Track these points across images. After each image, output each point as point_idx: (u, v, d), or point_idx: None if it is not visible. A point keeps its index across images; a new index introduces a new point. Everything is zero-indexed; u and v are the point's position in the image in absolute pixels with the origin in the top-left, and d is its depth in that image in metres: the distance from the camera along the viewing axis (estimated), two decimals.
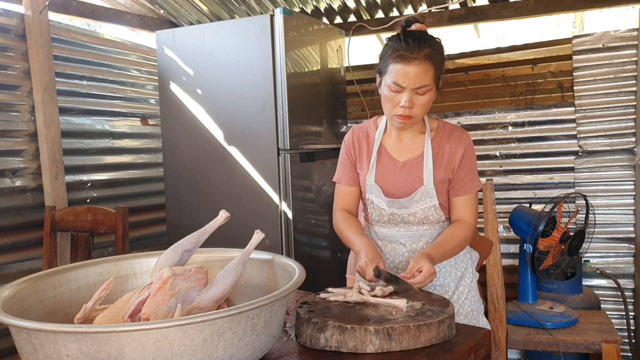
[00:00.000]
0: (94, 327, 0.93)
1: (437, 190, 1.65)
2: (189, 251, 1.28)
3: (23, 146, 2.71)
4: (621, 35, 2.96)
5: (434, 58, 1.52)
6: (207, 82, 2.81)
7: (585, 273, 2.92)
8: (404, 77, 1.51)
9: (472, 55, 3.34)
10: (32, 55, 2.68)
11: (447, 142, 1.66)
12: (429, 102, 1.56)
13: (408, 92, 1.52)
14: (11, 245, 2.64)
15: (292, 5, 3.41)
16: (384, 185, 1.68)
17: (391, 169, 1.69)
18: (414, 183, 1.66)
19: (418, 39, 1.52)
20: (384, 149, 1.71)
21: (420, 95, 1.54)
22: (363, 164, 1.73)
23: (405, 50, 1.50)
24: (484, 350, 1.27)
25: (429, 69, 1.51)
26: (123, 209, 2.46)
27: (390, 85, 1.54)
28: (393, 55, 1.53)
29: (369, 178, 1.70)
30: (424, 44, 1.51)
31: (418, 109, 1.55)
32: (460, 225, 1.65)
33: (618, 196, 3.04)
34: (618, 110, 3.00)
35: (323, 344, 1.17)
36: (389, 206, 1.67)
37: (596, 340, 2.36)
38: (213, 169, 2.84)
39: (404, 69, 1.50)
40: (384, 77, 1.57)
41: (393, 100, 1.56)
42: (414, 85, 1.51)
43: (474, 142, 3.29)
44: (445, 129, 1.69)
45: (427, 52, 1.51)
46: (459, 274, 1.73)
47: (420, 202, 1.65)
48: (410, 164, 1.67)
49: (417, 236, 1.69)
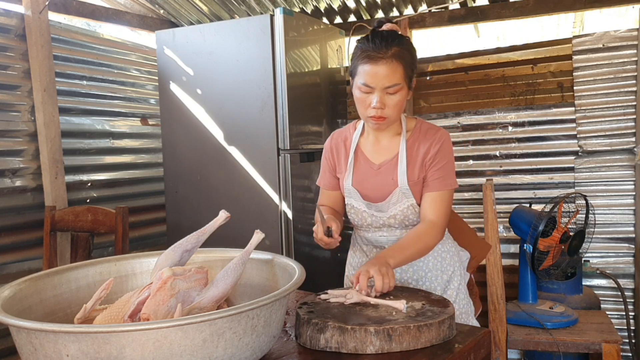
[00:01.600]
0: (94, 327, 0.93)
1: (413, 189, 1.62)
2: (189, 251, 1.28)
3: (23, 146, 2.71)
4: (621, 35, 2.96)
5: (402, 57, 1.51)
6: (207, 82, 2.81)
7: (585, 273, 2.92)
8: (372, 78, 1.50)
9: (472, 55, 3.34)
10: (32, 55, 2.68)
11: (422, 142, 1.63)
12: (401, 101, 1.54)
13: (378, 92, 1.51)
14: (11, 245, 2.64)
15: (292, 5, 3.41)
16: (361, 188, 1.67)
17: (367, 172, 1.67)
18: (389, 185, 1.63)
19: (385, 38, 1.51)
20: (360, 152, 1.70)
21: (391, 95, 1.52)
22: (342, 168, 1.72)
23: (373, 50, 1.49)
24: (484, 350, 1.27)
25: (398, 68, 1.50)
26: (123, 209, 2.46)
27: (360, 86, 1.53)
28: (361, 56, 1.52)
29: (346, 182, 1.69)
30: (391, 43, 1.50)
31: (390, 109, 1.53)
32: (422, 226, 1.58)
33: (618, 196, 3.04)
34: (618, 110, 3.00)
35: (323, 345, 1.17)
36: (368, 208, 1.66)
37: (596, 340, 2.36)
38: (213, 169, 2.84)
39: (373, 69, 1.49)
40: (355, 78, 1.56)
41: (364, 101, 1.54)
42: (384, 85, 1.50)
43: (474, 142, 3.33)
44: (422, 129, 1.65)
45: (395, 51, 1.49)
46: (445, 277, 1.71)
47: (397, 204, 1.62)
48: (386, 166, 1.65)
49: None
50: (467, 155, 3.37)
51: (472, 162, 3.36)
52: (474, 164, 3.35)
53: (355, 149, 1.70)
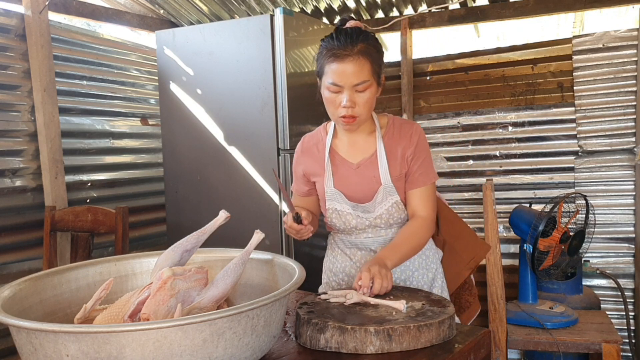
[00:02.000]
0: (94, 327, 0.93)
1: (396, 186, 1.60)
2: (189, 251, 1.28)
3: (23, 146, 2.71)
4: (621, 35, 2.96)
5: (368, 53, 1.49)
6: (207, 82, 2.81)
7: (585, 273, 2.92)
8: (340, 76, 1.47)
9: (472, 55, 3.34)
10: (32, 55, 2.68)
11: (399, 137, 1.61)
12: (371, 98, 1.52)
13: (347, 90, 1.49)
14: (11, 245, 2.64)
15: (292, 5, 3.41)
16: (344, 189, 1.63)
17: (347, 172, 1.64)
18: (371, 183, 1.61)
19: (350, 35, 1.49)
20: (336, 153, 1.66)
21: (360, 92, 1.50)
22: (317, 172, 1.68)
23: (339, 48, 1.47)
24: (484, 350, 1.27)
25: (365, 64, 1.48)
26: (123, 209, 2.46)
27: (329, 86, 1.51)
28: (327, 55, 1.50)
29: (327, 185, 1.64)
30: (356, 40, 1.48)
31: (361, 108, 1.51)
32: (415, 222, 1.58)
33: (618, 196, 3.04)
34: (618, 110, 3.00)
35: (323, 345, 1.17)
36: (354, 210, 1.62)
37: (596, 340, 2.36)
38: (213, 169, 2.84)
39: (340, 68, 1.47)
40: (323, 79, 1.53)
41: (334, 101, 1.52)
42: (352, 82, 1.48)
43: (474, 142, 3.33)
44: (395, 124, 1.64)
45: (361, 47, 1.48)
46: (430, 275, 1.70)
47: (383, 203, 1.60)
48: (365, 164, 1.62)
49: (387, 241, 1.65)
50: (467, 155, 3.37)
51: (472, 162, 3.36)
52: (474, 164, 3.35)
53: (330, 151, 1.66)
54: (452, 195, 3.41)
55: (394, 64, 3.51)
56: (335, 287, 1.76)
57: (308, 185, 1.73)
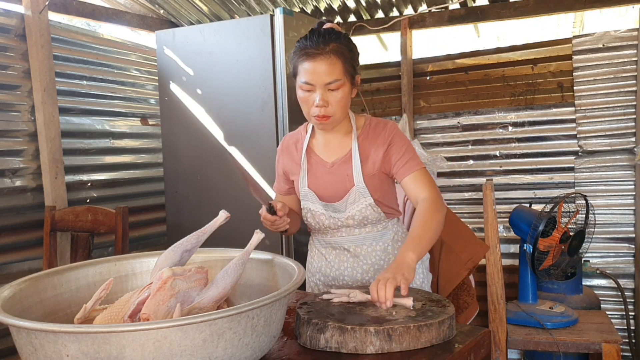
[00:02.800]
0: (94, 327, 0.93)
1: (369, 186, 1.60)
2: (189, 251, 1.28)
3: (23, 146, 2.71)
4: (621, 35, 2.96)
5: (340, 52, 1.50)
6: (207, 82, 2.81)
7: (585, 273, 2.92)
8: (312, 75, 1.49)
9: (472, 55, 3.34)
10: (32, 55, 2.68)
11: (373, 137, 1.62)
12: (344, 98, 1.53)
13: (319, 89, 1.50)
14: (11, 245, 2.64)
15: (292, 5, 3.41)
16: (316, 189, 1.65)
17: (320, 170, 1.65)
18: (344, 182, 1.62)
19: (323, 35, 1.51)
20: (312, 152, 1.68)
21: (333, 91, 1.51)
22: (294, 170, 1.70)
23: (311, 47, 1.49)
24: (484, 350, 1.27)
25: (337, 63, 1.49)
26: (123, 209, 2.46)
27: (302, 85, 1.52)
28: (300, 54, 1.51)
29: (302, 184, 1.66)
30: (328, 40, 1.50)
31: (334, 107, 1.52)
32: (422, 206, 1.54)
33: (618, 196, 3.04)
34: (618, 110, 3.00)
35: (323, 345, 1.17)
36: (325, 210, 1.63)
37: (596, 340, 2.36)
38: (213, 169, 2.83)
39: (312, 67, 1.49)
40: (297, 78, 1.55)
41: (307, 101, 1.53)
42: (324, 81, 1.49)
43: (474, 142, 3.34)
44: (371, 125, 1.65)
45: (333, 46, 1.49)
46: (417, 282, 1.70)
47: (355, 204, 1.61)
48: (339, 164, 1.63)
49: (360, 240, 1.66)
50: (467, 155, 3.37)
51: (472, 162, 3.36)
52: (474, 164, 3.35)
53: (307, 150, 1.68)
54: (452, 195, 3.41)
55: (394, 64, 3.51)
56: (314, 287, 1.76)
57: (288, 184, 1.75)
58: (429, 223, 1.49)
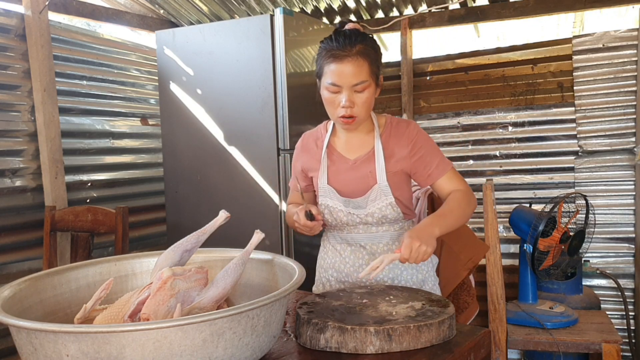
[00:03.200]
0: (94, 327, 0.93)
1: (391, 184, 1.61)
2: (189, 251, 1.28)
3: (23, 146, 2.71)
4: (621, 35, 2.96)
5: (367, 54, 1.52)
6: (207, 82, 2.81)
7: (585, 273, 2.92)
8: (339, 76, 1.50)
9: (472, 55, 3.34)
10: (32, 55, 2.68)
11: (395, 136, 1.64)
12: (369, 99, 1.55)
13: (346, 90, 1.51)
14: (11, 245, 2.64)
15: (292, 5, 3.41)
16: (337, 185, 1.66)
17: (342, 167, 1.67)
18: (367, 178, 1.63)
19: (349, 36, 1.51)
20: (333, 149, 1.70)
21: (359, 92, 1.53)
22: (314, 167, 1.71)
23: (337, 49, 1.50)
24: (484, 350, 1.27)
25: (364, 65, 1.51)
26: (123, 209, 2.46)
27: (328, 86, 1.53)
28: (326, 55, 1.52)
29: (321, 180, 1.67)
30: (355, 41, 1.51)
31: (359, 108, 1.54)
32: (456, 194, 1.58)
33: (618, 196, 3.04)
34: (618, 110, 3.00)
35: (323, 345, 1.17)
36: (345, 206, 1.64)
37: (596, 340, 2.36)
38: (213, 169, 2.84)
39: (339, 68, 1.50)
40: (322, 79, 1.56)
41: (333, 102, 1.55)
42: (351, 83, 1.50)
43: (474, 142, 3.34)
44: (393, 124, 1.67)
45: (360, 48, 1.50)
46: (420, 276, 1.70)
47: (376, 201, 1.62)
48: (361, 160, 1.65)
49: (377, 237, 1.66)
50: (467, 155, 3.37)
51: (472, 162, 3.36)
52: (474, 164, 3.35)
53: (328, 148, 1.69)
54: None
55: (394, 64, 3.51)
56: (326, 283, 1.76)
57: (305, 181, 1.76)
58: (459, 210, 1.54)
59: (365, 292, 1.43)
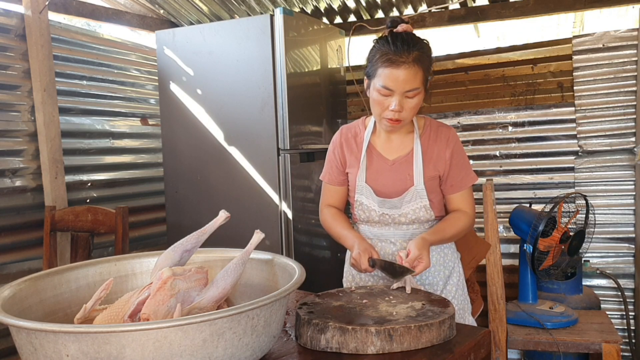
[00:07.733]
0: (94, 327, 0.93)
1: (427, 188, 1.64)
2: (189, 251, 1.28)
3: (23, 146, 2.71)
4: (621, 35, 2.96)
5: (422, 61, 1.52)
6: (207, 82, 2.81)
7: (585, 273, 2.92)
8: (393, 82, 1.50)
9: (472, 55, 3.34)
10: (32, 55, 2.68)
11: (435, 140, 1.67)
12: (417, 104, 1.56)
13: (398, 95, 1.52)
14: (11, 245, 2.64)
15: (292, 5, 3.41)
16: (374, 184, 1.68)
17: (381, 167, 1.68)
18: (404, 181, 1.65)
19: (407, 42, 1.51)
20: (373, 148, 1.71)
21: (409, 98, 1.53)
22: (352, 163, 1.72)
23: (394, 54, 1.49)
24: (484, 350, 1.27)
25: (418, 72, 1.51)
26: (123, 209, 2.46)
27: (379, 89, 1.53)
28: (382, 59, 1.52)
29: (359, 178, 1.69)
30: (412, 48, 1.50)
31: (407, 112, 1.56)
32: (459, 215, 1.67)
33: (618, 196, 3.04)
34: (618, 110, 3.00)
35: (324, 345, 1.17)
36: (380, 206, 1.67)
37: (596, 340, 2.35)
38: (213, 169, 2.84)
39: (394, 73, 1.50)
40: (373, 80, 1.56)
41: (382, 104, 1.55)
42: (404, 89, 1.51)
43: (474, 142, 3.33)
44: (432, 127, 1.69)
45: (416, 55, 1.50)
46: (447, 272, 1.73)
47: (411, 203, 1.65)
48: (400, 162, 1.67)
49: (408, 235, 1.69)
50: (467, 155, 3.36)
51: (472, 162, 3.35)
52: (474, 164, 3.35)
53: (368, 146, 1.71)
54: None
55: None
56: (356, 275, 1.79)
57: (343, 175, 1.76)
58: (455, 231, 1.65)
59: (365, 292, 1.43)
